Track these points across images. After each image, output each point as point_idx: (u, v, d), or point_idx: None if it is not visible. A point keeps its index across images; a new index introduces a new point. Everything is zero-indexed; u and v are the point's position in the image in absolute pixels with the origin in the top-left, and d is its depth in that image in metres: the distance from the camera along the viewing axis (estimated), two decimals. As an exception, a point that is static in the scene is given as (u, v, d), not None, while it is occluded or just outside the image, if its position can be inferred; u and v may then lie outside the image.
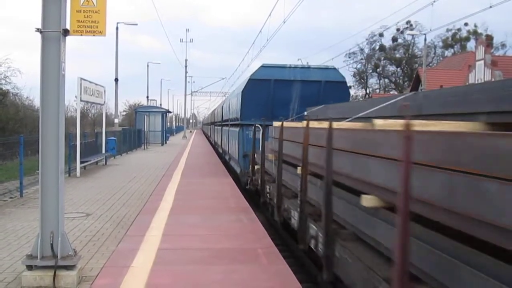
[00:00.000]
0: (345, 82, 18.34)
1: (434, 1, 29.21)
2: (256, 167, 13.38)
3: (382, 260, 4.33)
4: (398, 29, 76.86)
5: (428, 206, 3.62)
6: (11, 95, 43.02)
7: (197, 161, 26.66)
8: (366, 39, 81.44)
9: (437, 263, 3.48)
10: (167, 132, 57.14)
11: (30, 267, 6.33)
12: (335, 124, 5.85)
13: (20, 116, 40.66)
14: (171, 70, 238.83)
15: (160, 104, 69.25)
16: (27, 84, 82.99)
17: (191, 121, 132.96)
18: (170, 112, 73.75)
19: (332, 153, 5.45)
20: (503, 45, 76.71)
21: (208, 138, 58.89)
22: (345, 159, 5.51)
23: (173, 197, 13.62)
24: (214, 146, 39.33)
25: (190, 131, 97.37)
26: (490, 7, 25.42)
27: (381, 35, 77.62)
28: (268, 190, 10.94)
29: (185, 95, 74.16)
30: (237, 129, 18.73)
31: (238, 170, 18.66)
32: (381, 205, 4.34)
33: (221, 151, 29.46)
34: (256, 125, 14.19)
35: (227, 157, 24.60)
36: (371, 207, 4.57)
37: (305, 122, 7.30)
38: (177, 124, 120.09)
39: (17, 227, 9.61)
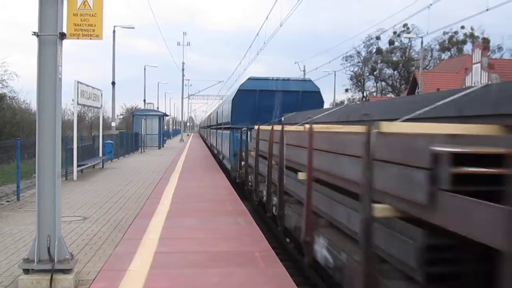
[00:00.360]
0: (319, 92, 20.70)
1: (431, 4, 29.27)
2: (242, 163, 15.70)
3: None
4: (395, 32, 77.00)
5: (321, 172, 6.56)
6: (8, 98, 42.94)
7: (194, 164, 26.65)
8: (363, 42, 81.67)
9: (325, 202, 6.38)
10: (164, 136, 57.12)
11: (27, 271, 6.33)
12: (293, 127, 9.32)
13: (17, 120, 40.54)
14: (168, 73, 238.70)
15: (157, 108, 69.27)
16: (24, 88, 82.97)
17: (188, 124, 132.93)
18: (167, 115, 73.77)
19: (284, 146, 8.52)
20: (500, 48, 77.03)
21: (204, 140, 61.67)
22: (290, 150, 8.38)
23: (170, 200, 13.61)
24: (210, 148, 41.64)
25: (188, 134, 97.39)
26: (487, 10, 25.50)
27: (378, 38, 78.01)
28: (250, 179, 13.89)
29: (182, 98, 74.16)
30: (228, 132, 21.24)
31: (229, 166, 21.04)
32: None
33: (216, 152, 31.96)
34: (243, 128, 16.33)
35: (220, 157, 27.01)
36: (303, 179, 6.93)
37: (271, 126, 10.35)
38: (174, 127, 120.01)
39: (14, 231, 9.60)
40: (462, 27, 78.55)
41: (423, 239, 3.80)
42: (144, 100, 62.37)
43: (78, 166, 19.31)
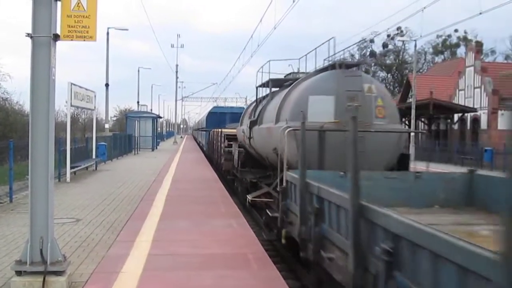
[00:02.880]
0: None
1: (425, 7, 29.38)
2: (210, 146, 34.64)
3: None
4: (388, 35, 77.06)
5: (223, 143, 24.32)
6: (1, 100, 42.81)
7: (188, 167, 26.65)
8: (357, 45, 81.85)
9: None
10: (158, 138, 57.02)
11: (19, 273, 6.31)
12: (220, 130, 26.98)
13: (10, 121, 40.30)
14: (162, 75, 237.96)
15: (151, 110, 69.02)
16: (17, 89, 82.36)
17: (182, 126, 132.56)
18: (160, 117, 73.56)
19: (219, 137, 25.70)
20: (493, 52, 77.34)
21: (195, 140, 73.75)
22: (219, 137, 25.63)
23: (164, 202, 13.60)
24: (199, 144, 57.85)
25: (181, 137, 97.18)
26: (480, 13, 25.57)
27: (371, 41, 77.89)
28: (213, 153, 29.59)
29: (176, 100, 74.02)
30: (204, 132, 43.18)
31: (205, 149, 41.19)
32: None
33: (201, 145, 50.20)
34: (210, 130, 34.17)
35: (202, 146, 47.16)
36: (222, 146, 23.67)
37: (219, 130, 27.67)
38: (167, 129, 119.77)
39: (7, 233, 9.57)
40: (456, 31, 78.78)
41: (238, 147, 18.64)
42: (138, 102, 62.22)
43: (71, 168, 19.26)
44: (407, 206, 7.00)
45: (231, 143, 20.81)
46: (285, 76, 15.43)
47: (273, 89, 14.87)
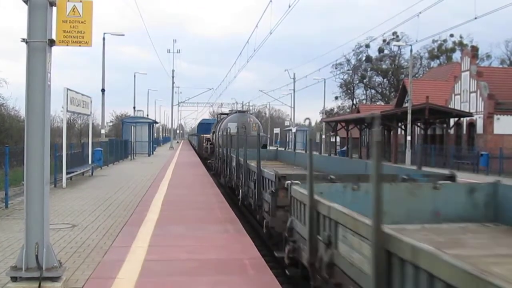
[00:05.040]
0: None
1: (420, 12, 29.53)
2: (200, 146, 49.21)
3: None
4: (384, 40, 77.42)
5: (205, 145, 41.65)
6: (-4, 105, 42.72)
7: (184, 172, 26.62)
8: (353, 50, 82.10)
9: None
10: (154, 143, 57.02)
11: (14, 279, 6.29)
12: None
13: (6, 127, 40.20)
14: (158, 80, 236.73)
15: (147, 115, 69.02)
16: (13, 94, 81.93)
17: (178, 131, 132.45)
18: (157, 122, 73.55)
19: (202, 140, 43.21)
20: (488, 56, 77.74)
21: (190, 143, 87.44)
22: (204, 140, 42.07)
23: (160, 207, 13.58)
24: (193, 146, 71.15)
25: (177, 142, 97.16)
26: (475, 18, 25.72)
27: (367, 46, 78.10)
28: (199, 149, 46.82)
29: (172, 105, 74.14)
30: (196, 137, 61.91)
31: (196, 148, 57.93)
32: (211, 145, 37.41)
33: (194, 146, 64.26)
34: (199, 135, 50.34)
35: (194, 146, 63.17)
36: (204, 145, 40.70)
37: (203, 135, 45.36)
38: (164, 134, 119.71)
39: (2, 239, 9.53)
40: (451, 35, 79.19)
41: (210, 144, 37.80)
42: (134, 107, 62.25)
43: (67, 173, 19.20)
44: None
45: (208, 142, 38.07)
46: (229, 111, 38.60)
47: (223, 116, 36.55)
